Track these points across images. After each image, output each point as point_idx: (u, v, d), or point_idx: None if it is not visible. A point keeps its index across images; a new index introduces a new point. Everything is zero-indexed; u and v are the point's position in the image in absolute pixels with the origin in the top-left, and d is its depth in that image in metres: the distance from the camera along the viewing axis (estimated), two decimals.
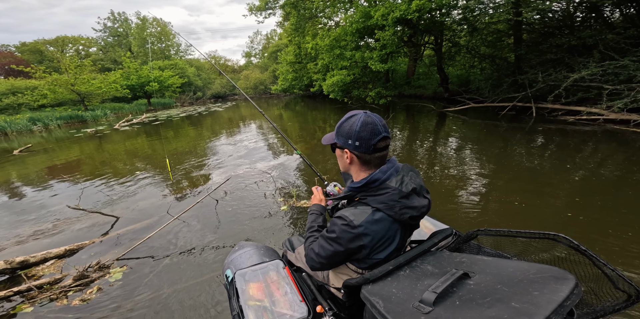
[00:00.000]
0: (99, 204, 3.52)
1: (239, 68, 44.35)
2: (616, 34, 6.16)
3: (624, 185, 2.91)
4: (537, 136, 5.29)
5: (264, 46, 39.93)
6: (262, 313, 0.93)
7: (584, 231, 2.19)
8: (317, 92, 16.72)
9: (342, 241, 0.77)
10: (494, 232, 0.83)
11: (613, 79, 5.60)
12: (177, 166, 5.00)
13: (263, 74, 32.14)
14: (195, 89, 30.67)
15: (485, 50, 9.83)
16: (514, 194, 2.89)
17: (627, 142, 4.41)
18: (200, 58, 36.91)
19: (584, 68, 6.00)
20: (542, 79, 6.85)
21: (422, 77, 15.71)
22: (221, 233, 2.57)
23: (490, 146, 4.89)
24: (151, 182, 4.19)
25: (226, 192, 3.50)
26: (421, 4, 7.13)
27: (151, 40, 32.96)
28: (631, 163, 3.51)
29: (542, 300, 0.51)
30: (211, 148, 6.46)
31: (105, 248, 2.51)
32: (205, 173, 4.46)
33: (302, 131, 7.93)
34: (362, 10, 8.48)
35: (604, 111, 5.63)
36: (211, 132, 8.89)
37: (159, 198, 3.57)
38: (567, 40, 6.92)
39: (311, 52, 11.42)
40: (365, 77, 10.33)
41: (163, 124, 12.44)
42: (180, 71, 27.39)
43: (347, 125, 0.80)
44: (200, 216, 2.93)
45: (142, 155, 6.19)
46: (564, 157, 3.97)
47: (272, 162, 4.80)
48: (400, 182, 0.77)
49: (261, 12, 16.37)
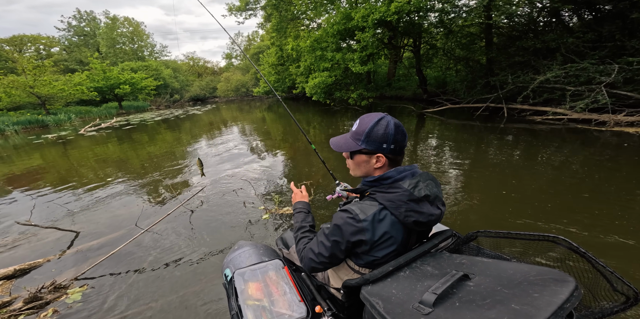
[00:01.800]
0: (58, 217, 3.24)
1: (220, 70, 43.40)
2: (576, 37, 6.67)
3: (589, 179, 3.17)
4: (508, 135, 5.61)
5: (246, 48, 39.39)
6: (260, 312, 0.93)
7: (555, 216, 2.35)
8: (300, 94, 16.68)
9: (344, 233, 0.77)
10: (494, 234, 0.84)
11: (574, 81, 6.05)
12: (151, 172, 4.75)
13: (245, 76, 31.61)
14: (172, 92, 29.59)
15: (460, 53, 10.30)
16: (490, 189, 3.05)
17: (590, 140, 4.77)
18: (178, 59, 35.65)
19: (549, 70, 6.43)
20: (512, 80, 7.26)
21: (402, 79, 16.17)
22: (196, 246, 2.44)
23: (467, 145, 5.13)
24: (119, 192, 3.92)
25: (202, 201, 3.34)
26: (400, 6, 7.34)
27: (122, 41, 31.46)
28: (593, 159, 3.82)
29: (542, 302, 0.52)
30: (190, 153, 6.21)
31: (63, 266, 2.30)
32: (181, 180, 4.26)
33: (285, 134, 7.84)
34: (343, 12, 8.61)
35: (567, 111, 6.06)
36: (190, 136, 8.57)
37: (127, 209, 3.34)
38: (532, 44, 7.41)
39: (292, 53, 11.39)
40: (347, 78, 10.44)
41: (136, 128, 11.81)
42: (155, 73, 26.33)
43: (380, 129, 0.80)
44: (174, 228, 2.77)
45: (112, 162, 5.82)
46: (533, 155, 4.24)
47: (254, 166, 4.68)
48: (414, 186, 0.77)
49: (241, 13, 16.13)
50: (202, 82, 33.55)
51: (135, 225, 2.88)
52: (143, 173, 4.78)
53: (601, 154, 4.02)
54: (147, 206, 3.39)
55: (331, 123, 8.88)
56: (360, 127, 0.83)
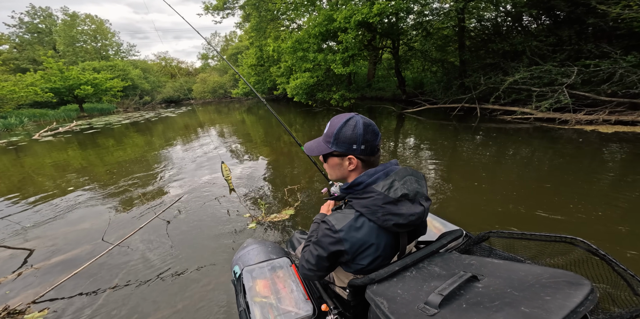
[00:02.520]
0: (8, 234, 2.84)
1: (195, 71, 41.82)
2: (539, 41, 7.21)
3: (551, 171, 3.42)
4: (481, 134, 5.90)
5: (223, 48, 38.32)
6: (267, 309, 0.95)
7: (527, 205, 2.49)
8: (281, 96, 16.45)
9: (323, 244, 0.77)
10: (507, 235, 0.82)
11: (539, 82, 6.51)
12: (120, 180, 4.35)
13: (222, 77, 30.65)
14: (142, 93, 27.95)
15: (436, 55, 10.74)
16: (464, 181, 3.17)
17: (554, 137, 5.14)
18: (148, 59, 33.81)
19: (516, 72, 6.87)
20: (484, 82, 7.68)
21: (381, 80, 16.56)
22: (173, 261, 2.21)
23: (444, 143, 5.33)
24: (82, 203, 3.53)
25: (180, 210, 3.06)
26: (382, 8, 7.47)
27: (83, 39, 29.23)
28: (556, 154, 4.13)
29: (553, 305, 0.50)
30: (164, 158, 5.80)
31: (17, 289, 2.00)
32: (155, 188, 3.94)
33: (267, 136, 7.63)
34: (325, 13, 8.62)
35: (533, 110, 6.50)
36: (164, 140, 8.05)
37: (91, 222, 3.00)
38: (502, 46, 7.90)
39: (273, 54, 11.21)
40: (329, 79, 10.45)
41: (101, 132, 10.93)
42: (122, 73, 24.72)
43: (348, 130, 0.77)
44: (148, 241, 2.51)
45: (73, 170, 5.27)
46: (502, 151, 4.52)
47: (236, 171, 4.45)
48: (388, 187, 0.74)
49: (218, 12, 15.59)
50: (175, 83, 32.08)
51: (102, 240, 2.59)
52: (110, 181, 4.36)
53: (563, 149, 4.36)
54: (116, 217, 3.07)
55: (313, 124, 8.81)
56: (330, 129, 0.80)
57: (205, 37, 2.13)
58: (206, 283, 1.93)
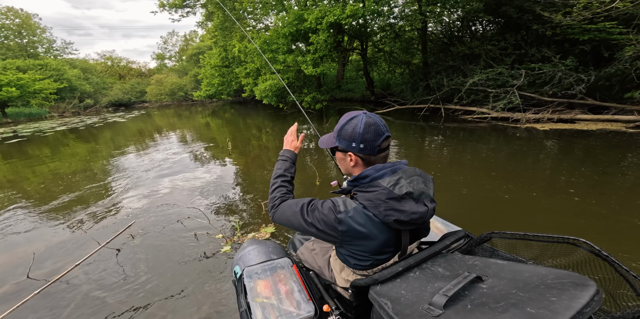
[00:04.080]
0: None
1: (149, 71, 38.46)
2: (492, 45, 7.94)
3: (502, 164, 3.80)
4: (444, 133, 6.30)
5: (182, 48, 35.81)
6: (269, 310, 0.95)
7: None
8: (249, 98, 15.83)
9: (322, 214, 0.77)
10: (509, 236, 0.83)
11: (493, 84, 7.16)
12: (54, 197, 3.68)
13: (182, 78, 28.57)
14: (83, 96, 24.89)
15: (402, 57, 11.26)
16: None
17: (507, 135, 5.69)
18: (89, 58, 30.27)
19: (475, 74, 7.48)
20: (447, 83, 8.23)
21: (350, 81, 16.91)
22: (127, 296, 1.85)
23: (411, 142, 5.63)
24: (2, 228, 2.87)
25: (133, 235, 2.61)
26: (354, 10, 7.55)
27: (4, 34, 25.07)
28: (508, 150, 4.57)
29: (559, 306, 0.50)
30: (113, 170, 5.08)
31: None
32: (100, 206, 3.34)
33: (236, 141, 7.20)
34: (295, 13, 8.47)
35: (490, 110, 7.13)
36: (113, 148, 7.11)
37: (11, 255, 2.43)
38: (462, 49, 8.55)
39: (239, 55, 10.71)
40: (299, 81, 10.30)
41: (29, 140, 9.36)
42: (56, 73, 21.85)
43: (350, 128, 0.81)
44: (94, 274, 2.08)
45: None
46: (462, 148, 4.87)
47: (202, 183, 4.00)
48: (394, 183, 0.76)
49: (176, 10, 14.43)
50: (125, 85, 29.17)
51: (28, 277, 2.09)
52: (40, 199, 3.67)
53: (515, 145, 4.85)
54: (47, 247, 2.52)
55: (284, 127, 8.59)
56: (338, 124, 0.85)
57: (161, 35, 1.82)
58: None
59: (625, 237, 2.10)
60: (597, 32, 5.74)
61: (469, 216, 2.57)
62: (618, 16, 5.50)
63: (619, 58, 5.63)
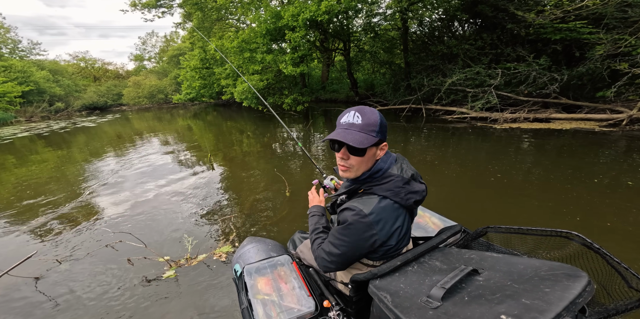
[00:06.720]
0: None
1: (127, 73, 37.13)
2: (470, 44, 8.03)
3: (482, 162, 3.85)
4: (426, 132, 6.36)
5: (163, 49, 34.73)
6: (270, 306, 0.97)
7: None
8: (232, 101, 15.46)
9: (355, 231, 0.79)
10: (504, 230, 0.86)
11: (472, 84, 7.24)
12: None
13: (162, 80, 27.69)
14: (52, 99, 23.76)
15: (384, 57, 11.28)
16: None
17: (486, 134, 5.76)
18: (60, 60, 28.95)
19: (453, 74, 7.54)
20: (427, 83, 8.27)
21: (335, 82, 16.86)
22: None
23: (397, 146, 5.60)
24: None
25: (60, 260, 2.31)
26: (330, 6, 7.48)
27: None
28: (486, 148, 4.66)
29: (553, 297, 0.52)
30: (52, 183, 4.69)
31: None
32: (40, 223, 3.06)
33: (219, 144, 6.96)
34: (272, 10, 8.34)
35: (469, 110, 7.20)
36: (89, 154, 6.65)
37: None
38: (440, 49, 8.62)
39: (216, 54, 10.41)
40: (281, 82, 10.12)
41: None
42: (21, 75, 20.77)
43: (383, 119, 0.84)
44: (8, 307, 1.85)
45: None
46: (445, 147, 4.94)
47: (137, 192, 3.72)
48: (401, 169, 0.85)
49: (150, 10, 13.88)
50: (101, 87, 28.03)
51: None
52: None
53: (494, 144, 4.97)
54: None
55: (266, 130, 8.40)
56: (369, 119, 0.82)
57: (139, 36, 1.65)
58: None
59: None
60: (568, 31, 5.89)
61: (457, 212, 2.60)
62: (588, 15, 5.65)
63: (589, 57, 5.79)
